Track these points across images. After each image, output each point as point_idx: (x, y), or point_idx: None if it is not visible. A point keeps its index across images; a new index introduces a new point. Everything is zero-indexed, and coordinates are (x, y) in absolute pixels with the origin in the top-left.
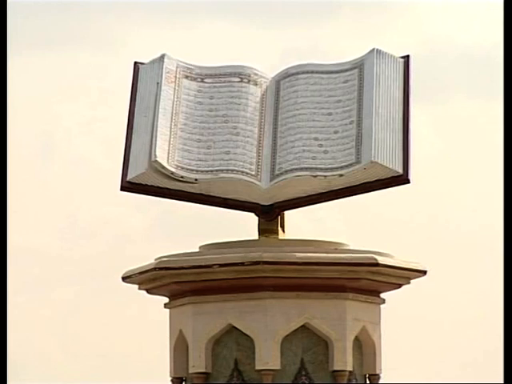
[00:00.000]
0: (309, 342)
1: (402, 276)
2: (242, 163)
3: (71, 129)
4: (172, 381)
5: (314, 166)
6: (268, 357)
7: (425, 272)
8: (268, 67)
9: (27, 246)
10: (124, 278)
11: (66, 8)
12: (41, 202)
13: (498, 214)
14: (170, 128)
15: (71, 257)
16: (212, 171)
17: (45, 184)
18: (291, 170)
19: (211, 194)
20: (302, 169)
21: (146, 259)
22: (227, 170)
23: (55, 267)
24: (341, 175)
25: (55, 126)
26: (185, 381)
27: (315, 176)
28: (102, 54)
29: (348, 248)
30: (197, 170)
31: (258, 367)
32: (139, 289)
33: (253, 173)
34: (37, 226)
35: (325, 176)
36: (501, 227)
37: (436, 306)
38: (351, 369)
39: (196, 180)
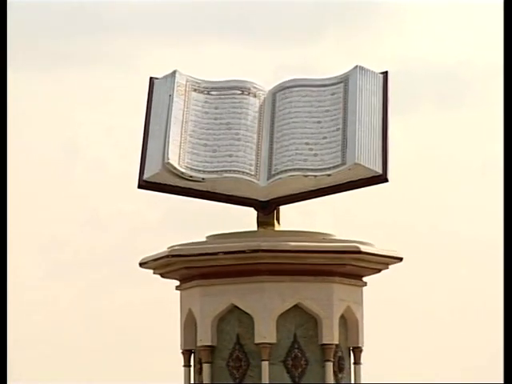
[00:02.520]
0: (301, 319)
1: (382, 262)
2: (242, 164)
3: (92, 135)
4: (182, 353)
5: (305, 167)
6: (265, 332)
7: (401, 259)
8: (264, 81)
9: (54, 237)
10: (141, 264)
11: (88, 30)
12: (65, 198)
13: (464, 207)
14: (181, 134)
15: (92, 246)
16: (217, 171)
17: (69, 183)
18: (285, 171)
19: (216, 191)
20: (294, 169)
21: (159, 248)
22: (230, 171)
23: (78, 255)
24: (328, 175)
25: (78, 132)
26: (193, 353)
27: (306, 176)
28: (119, 70)
29: (334, 238)
30: (204, 171)
31: (256, 341)
32: (154, 273)
33: (252, 173)
34: (62, 219)
35: (315, 176)
36: (468, 220)
37: (410, 288)
38: (337, 342)
39: (203, 179)
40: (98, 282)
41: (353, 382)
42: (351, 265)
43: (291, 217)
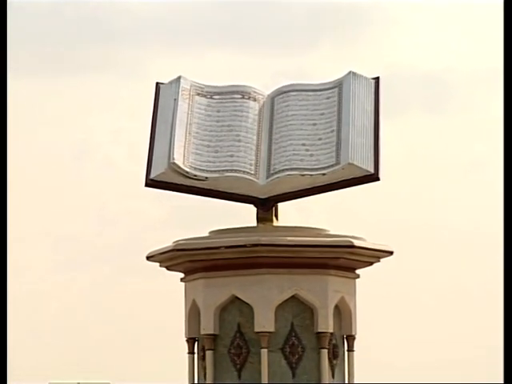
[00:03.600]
0: (298, 309)
1: (373, 256)
2: (243, 164)
3: (101, 137)
4: (187, 340)
5: (301, 166)
6: (265, 321)
7: (392, 252)
8: (263, 87)
9: (65, 232)
10: (148, 258)
11: (99, 40)
12: (76, 196)
13: (451, 203)
14: (185, 136)
15: (101, 241)
16: (219, 171)
17: (80, 182)
18: (283, 170)
19: (218, 189)
20: (292, 169)
21: (164, 242)
22: (231, 170)
23: (87, 249)
24: (323, 174)
25: (89, 134)
26: (197, 340)
27: (303, 175)
28: (128, 76)
29: (329, 233)
30: (207, 170)
31: (256, 330)
32: (160, 266)
33: (252, 172)
34: (73, 216)
35: (310, 175)
36: (454, 215)
37: (400, 280)
38: (332, 331)
39: (206, 178)
40: (106, 275)
41: (346, 367)
42: (345, 258)
43: (289, 213)
